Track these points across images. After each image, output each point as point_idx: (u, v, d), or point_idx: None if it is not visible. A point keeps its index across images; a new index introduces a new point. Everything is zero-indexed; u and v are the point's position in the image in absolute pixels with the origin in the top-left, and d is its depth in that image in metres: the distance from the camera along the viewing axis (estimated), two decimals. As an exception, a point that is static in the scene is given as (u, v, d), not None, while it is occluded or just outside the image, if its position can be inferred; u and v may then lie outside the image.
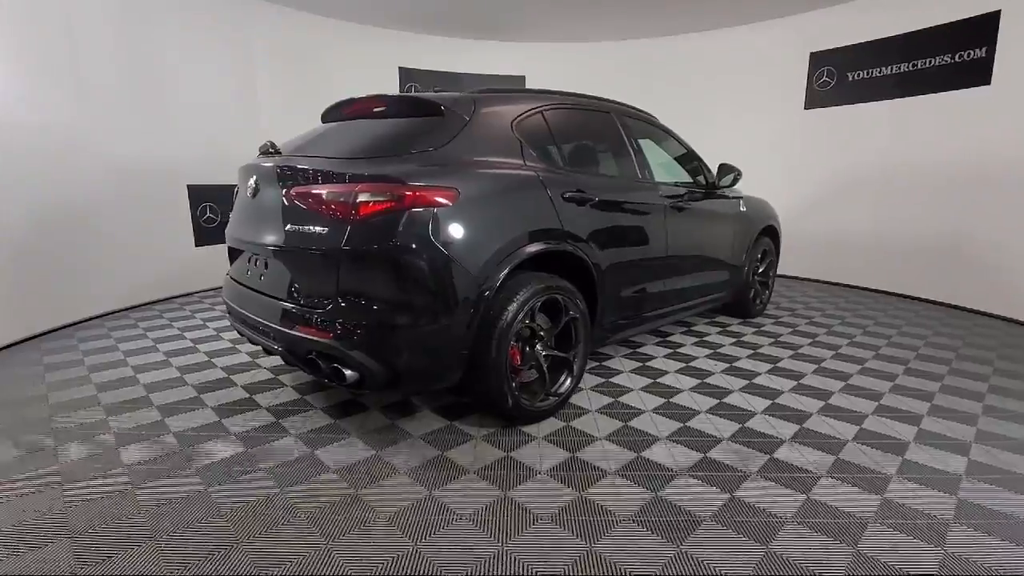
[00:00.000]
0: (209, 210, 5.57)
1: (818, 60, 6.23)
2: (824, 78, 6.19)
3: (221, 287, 3.02)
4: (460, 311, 2.17)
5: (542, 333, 2.55)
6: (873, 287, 6.00)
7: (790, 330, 4.30)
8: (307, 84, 6.39)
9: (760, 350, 3.74)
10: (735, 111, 6.99)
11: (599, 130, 3.24)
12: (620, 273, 2.96)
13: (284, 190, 2.30)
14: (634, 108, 3.60)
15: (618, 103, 3.45)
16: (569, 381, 2.69)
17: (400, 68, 7.16)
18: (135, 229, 4.86)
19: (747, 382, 3.13)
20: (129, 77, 4.79)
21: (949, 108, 5.11)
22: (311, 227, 2.15)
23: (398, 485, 2.05)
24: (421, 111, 2.51)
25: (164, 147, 5.10)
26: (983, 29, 4.81)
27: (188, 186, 5.36)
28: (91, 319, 4.50)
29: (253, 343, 2.65)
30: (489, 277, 2.22)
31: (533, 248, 2.40)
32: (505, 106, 2.65)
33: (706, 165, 3.96)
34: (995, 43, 4.73)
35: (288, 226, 2.24)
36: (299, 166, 2.33)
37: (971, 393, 3.01)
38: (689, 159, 3.90)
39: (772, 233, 4.69)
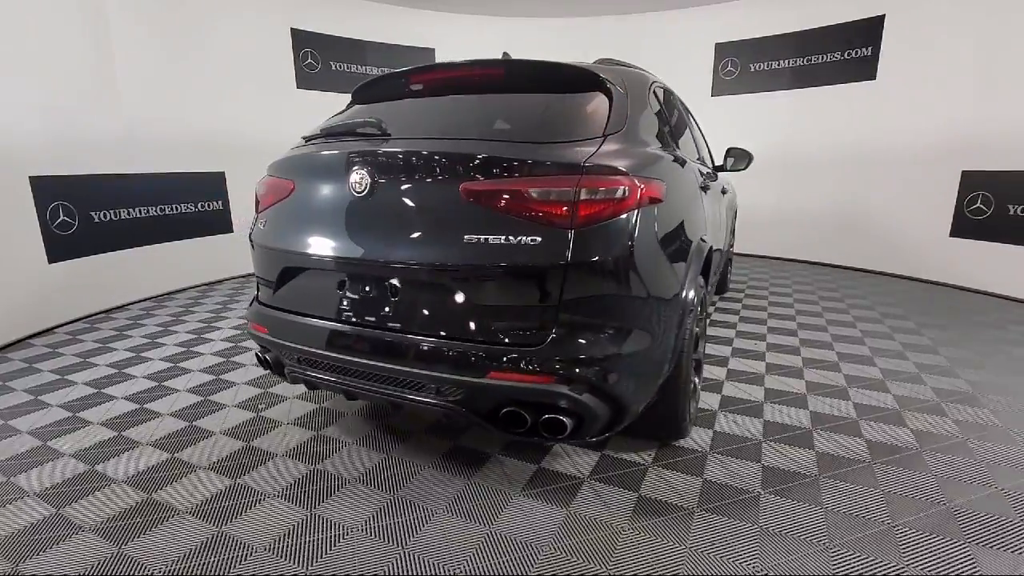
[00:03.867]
0: (63, 211, 4.10)
1: (723, 51, 6.70)
2: (729, 68, 6.69)
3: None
4: (675, 326, 1.85)
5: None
6: (778, 256, 6.77)
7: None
8: (174, 40, 5.05)
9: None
10: (646, 95, 7.24)
11: (676, 105, 3.01)
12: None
13: (447, 187, 1.67)
14: None
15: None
16: (699, 382, 2.54)
17: (293, 31, 6.03)
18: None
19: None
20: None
21: (842, 99, 5.86)
22: (511, 237, 1.57)
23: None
24: (573, 84, 2.02)
25: (-14, 123, 3.58)
26: (869, 30, 5.56)
27: (31, 178, 3.85)
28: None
29: (351, 396, 2.07)
30: (684, 284, 1.89)
31: (706, 247, 2.23)
32: (639, 79, 2.27)
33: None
34: (879, 43, 5.51)
35: (466, 236, 1.62)
36: (468, 153, 1.69)
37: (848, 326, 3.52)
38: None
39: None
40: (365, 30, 6.54)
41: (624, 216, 1.61)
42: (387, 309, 1.77)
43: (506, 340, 1.64)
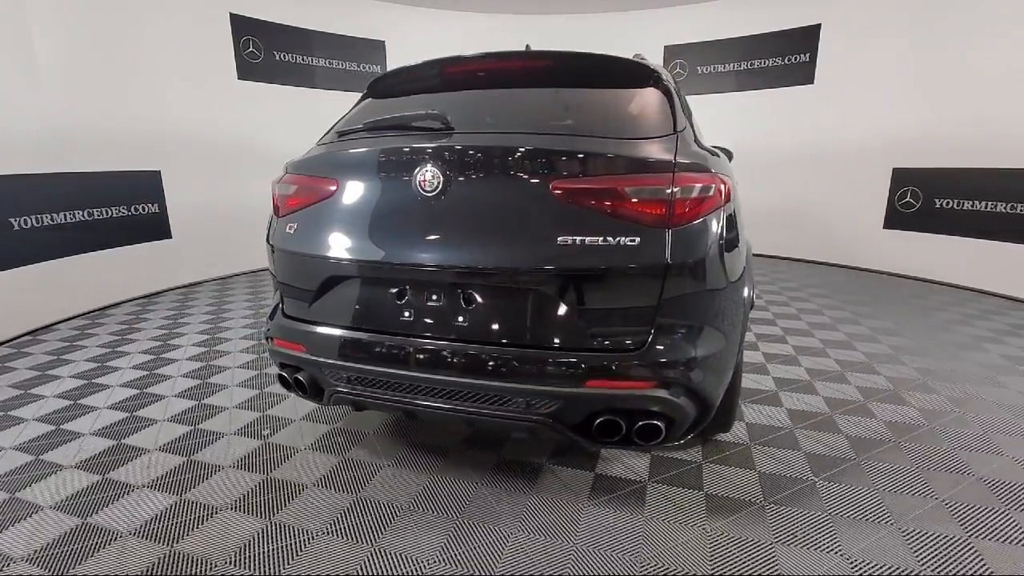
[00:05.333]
0: (-27, 216, 3.46)
1: (671, 53, 6.95)
2: (677, 70, 6.95)
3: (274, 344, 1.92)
4: (742, 321, 1.83)
5: None
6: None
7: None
8: (101, 24, 4.45)
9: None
10: (598, 95, 7.36)
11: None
12: None
13: (535, 185, 1.56)
14: None
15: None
16: None
17: (233, 16, 5.51)
18: None
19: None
20: None
21: (783, 102, 6.27)
22: (608, 238, 1.48)
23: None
24: (631, 79, 1.94)
25: None
26: (807, 38, 5.99)
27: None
28: None
29: (412, 415, 1.94)
30: (747, 280, 1.88)
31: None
32: (672, 76, 2.22)
33: None
34: (816, 50, 5.95)
35: (560, 238, 1.50)
36: (560, 149, 1.60)
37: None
38: None
39: None
40: (312, 19, 6.12)
41: (711, 214, 1.59)
42: (463, 319, 1.62)
43: (604, 346, 1.56)
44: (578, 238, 1.50)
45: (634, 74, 1.96)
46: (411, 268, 1.63)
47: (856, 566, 1.60)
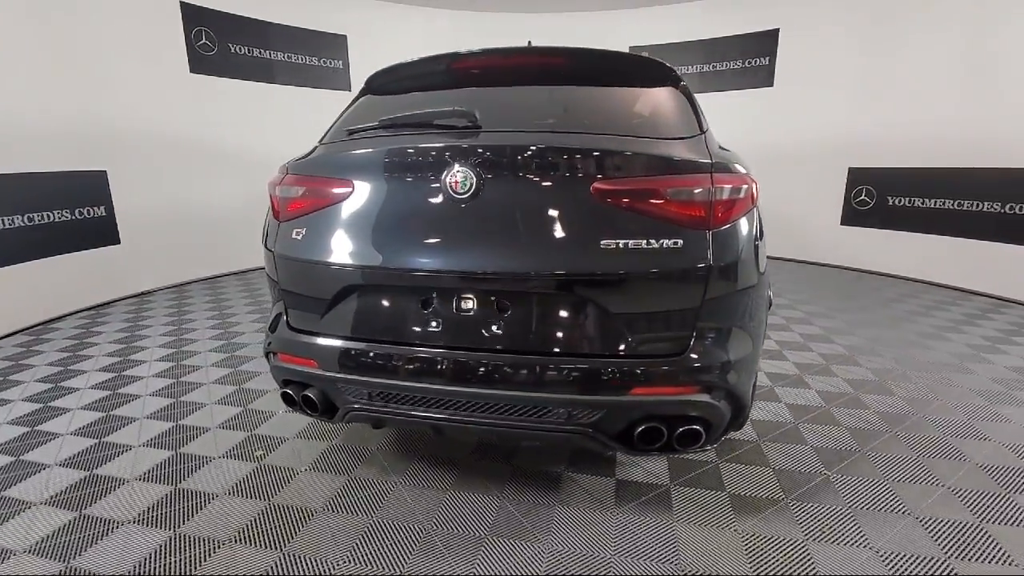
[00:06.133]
0: None
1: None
2: (642, 70, 7.05)
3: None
4: (764, 321, 1.81)
5: None
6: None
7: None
8: (40, 12, 4.04)
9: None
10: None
11: None
12: None
13: (575, 186, 1.50)
14: None
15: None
16: None
17: (184, 5, 5.14)
18: None
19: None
20: None
21: (745, 103, 6.47)
22: (652, 240, 1.44)
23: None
24: (649, 78, 1.90)
25: None
26: (766, 42, 6.21)
27: None
28: None
29: (438, 430, 1.86)
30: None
31: None
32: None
33: None
34: (775, 54, 6.18)
35: (603, 241, 1.44)
36: (601, 148, 1.54)
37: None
38: None
39: None
40: (270, 10, 5.80)
41: (746, 215, 1.58)
42: (497, 327, 1.54)
43: (648, 352, 1.52)
44: (621, 241, 1.45)
45: (654, 72, 1.92)
46: (442, 275, 1.53)
47: (888, 560, 1.63)
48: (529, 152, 1.53)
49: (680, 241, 1.46)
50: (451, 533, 1.77)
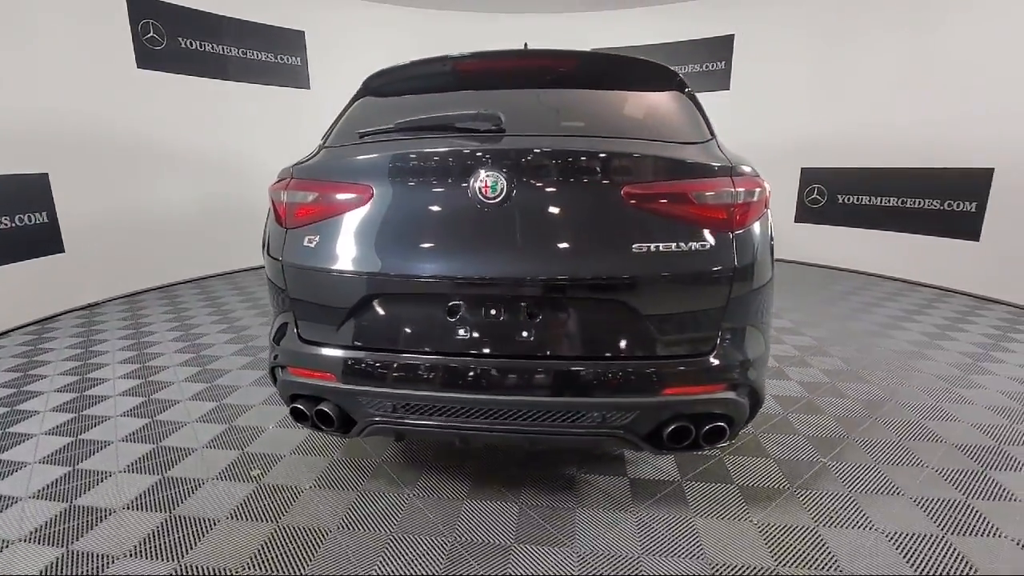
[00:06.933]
0: None
1: (598, 55, 7.16)
2: (604, 72, 7.17)
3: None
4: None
5: None
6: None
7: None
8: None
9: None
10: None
11: None
12: None
13: (606, 190, 1.51)
14: None
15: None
16: None
17: (129, -4, 4.81)
18: None
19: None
20: None
21: (703, 105, 6.68)
22: (681, 243, 1.47)
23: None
24: (657, 82, 1.92)
25: None
26: (722, 47, 6.45)
27: None
28: None
29: (465, 440, 1.94)
30: None
31: None
32: None
33: None
34: (731, 59, 6.43)
35: (635, 245, 1.45)
36: (632, 153, 1.57)
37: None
38: None
39: None
40: (222, 3, 5.51)
41: (763, 217, 1.64)
42: (528, 333, 1.52)
43: (678, 353, 1.55)
44: (652, 245, 1.47)
45: (662, 76, 1.95)
46: (472, 282, 1.50)
47: (894, 540, 1.73)
48: (561, 156, 1.52)
49: (707, 244, 1.50)
50: (476, 542, 1.75)
